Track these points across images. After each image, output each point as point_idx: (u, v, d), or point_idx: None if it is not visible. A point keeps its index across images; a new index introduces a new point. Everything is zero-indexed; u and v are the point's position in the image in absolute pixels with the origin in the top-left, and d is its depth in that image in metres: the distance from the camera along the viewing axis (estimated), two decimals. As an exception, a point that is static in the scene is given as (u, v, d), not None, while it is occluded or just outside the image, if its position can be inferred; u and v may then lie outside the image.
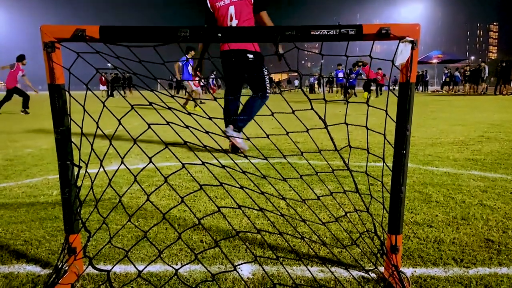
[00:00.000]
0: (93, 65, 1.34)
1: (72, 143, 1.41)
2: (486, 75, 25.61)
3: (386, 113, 1.44)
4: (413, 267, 1.57)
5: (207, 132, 1.41)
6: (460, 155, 3.93)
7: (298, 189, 2.71)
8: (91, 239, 1.66)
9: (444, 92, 32.28)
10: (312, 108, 1.40)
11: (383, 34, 1.28)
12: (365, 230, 1.81)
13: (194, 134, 1.42)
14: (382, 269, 1.53)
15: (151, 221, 2.11)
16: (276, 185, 2.80)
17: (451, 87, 31.54)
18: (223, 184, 1.42)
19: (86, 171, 1.42)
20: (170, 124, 1.35)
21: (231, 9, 4.02)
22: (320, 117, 1.43)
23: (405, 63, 1.33)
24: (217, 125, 1.49)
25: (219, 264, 1.61)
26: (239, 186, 1.49)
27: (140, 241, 1.81)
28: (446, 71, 32.33)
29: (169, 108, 1.38)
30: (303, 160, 3.80)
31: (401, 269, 1.50)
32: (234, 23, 4.02)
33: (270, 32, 1.31)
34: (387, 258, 1.45)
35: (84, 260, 1.51)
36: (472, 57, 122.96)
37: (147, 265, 1.52)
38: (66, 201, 1.38)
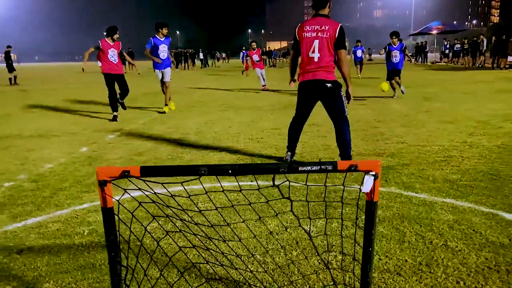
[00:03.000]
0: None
1: (120, 250, 1.83)
2: (485, 48, 25.68)
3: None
4: (379, 323, 2.04)
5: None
6: (440, 174, 4.37)
7: (294, 223, 3.15)
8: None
9: (443, 63, 32.42)
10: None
11: (353, 169, 1.70)
12: None
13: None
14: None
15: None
16: (276, 219, 3.24)
17: (450, 59, 31.66)
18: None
19: (132, 275, 1.86)
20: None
21: (316, 43, 4.42)
22: (306, 231, 1.86)
23: (370, 190, 1.74)
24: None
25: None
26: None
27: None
28: (445, 43, 32.28)
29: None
30: (299, 180, 4.22)
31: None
32: (316, 56, 4.44)
33: (268, 168, 1.73)
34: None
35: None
36: (474, 21, 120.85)
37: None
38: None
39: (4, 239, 3.10)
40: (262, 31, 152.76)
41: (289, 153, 4.92)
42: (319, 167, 1.71)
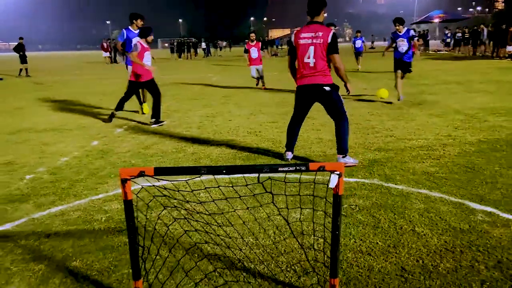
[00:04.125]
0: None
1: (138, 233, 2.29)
2: (485, 37, 25.86)
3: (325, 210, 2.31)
4: (347, 292, 2.51)
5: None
6: (420, 167, 4.81)
7: (284, 213, 3.61)
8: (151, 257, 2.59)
9: (444, 52, 32.66)
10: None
11: (322, 170, 2.14)
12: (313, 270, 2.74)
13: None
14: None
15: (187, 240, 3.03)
16: (267, 209, 3.69)
17: (451, 47, 31.96)
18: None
19: (149, 253, 2.32)
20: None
21: (311, 49, 4.71)
22: (285, 218, 2.31)
23: (335, 186, 2.19)
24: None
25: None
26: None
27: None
28: (447, 31, 32.48)
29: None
30: (292, 174, 4.67)
31: (338, 296, 2.44)
32: (312, 61, 4.72)
33: (255, 169, 2.18)
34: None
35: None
36: (478, 8, 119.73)
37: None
38: (135, 263, 2.29)
39: (33, 226, 3.58)
40: (264, 18, 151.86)
41: (288, 152, 5.21)
42: (294, 168, 2.16)
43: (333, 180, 2.18)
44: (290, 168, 2.16)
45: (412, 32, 9.52)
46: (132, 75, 7.63)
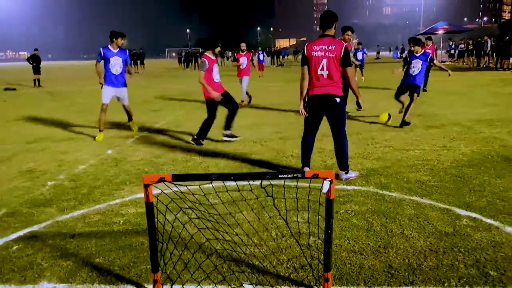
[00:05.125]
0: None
1: (157, 230, 2.66)
2: (489, 48, 26.16)
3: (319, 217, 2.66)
4: (339, 287, 2.86)
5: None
6: (414, 176, 5.15)
7: (284, 215, 3.96)
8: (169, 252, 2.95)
9: (448, 62, 33.01)
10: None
11: (315, 177, 2.50)
12: (309, 265, 3.09)
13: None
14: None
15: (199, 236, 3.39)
16: (270, 212, 4.04)
17: (455, 58, 32.32)
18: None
19: (167, 248, 2.68)
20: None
21: (324, 61, 4.91)
22: (284, 220, 2.67)
23: (328, 191, 2.54)
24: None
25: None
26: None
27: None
28: (451, 43, 32.86)
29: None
30: (294, 181, 5.02)
31: (331, 288, 2.78)
32: (325, 73, 4.92)
33: (257, 175, 2.54)
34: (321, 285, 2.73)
35: None
36: (485, 18, 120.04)
37: None
38: (154, 256, 2.66)
39: (58, 227, 3.96)
40: (271, 28, 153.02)
41: (306, 168, 5.33)
42: (292, 175, 2.53)
43: (326, 186, 2.53)
44: (289, 176, 2.52)
45: (429, 54, 8.42)
46: (206, 93, 7.05)
